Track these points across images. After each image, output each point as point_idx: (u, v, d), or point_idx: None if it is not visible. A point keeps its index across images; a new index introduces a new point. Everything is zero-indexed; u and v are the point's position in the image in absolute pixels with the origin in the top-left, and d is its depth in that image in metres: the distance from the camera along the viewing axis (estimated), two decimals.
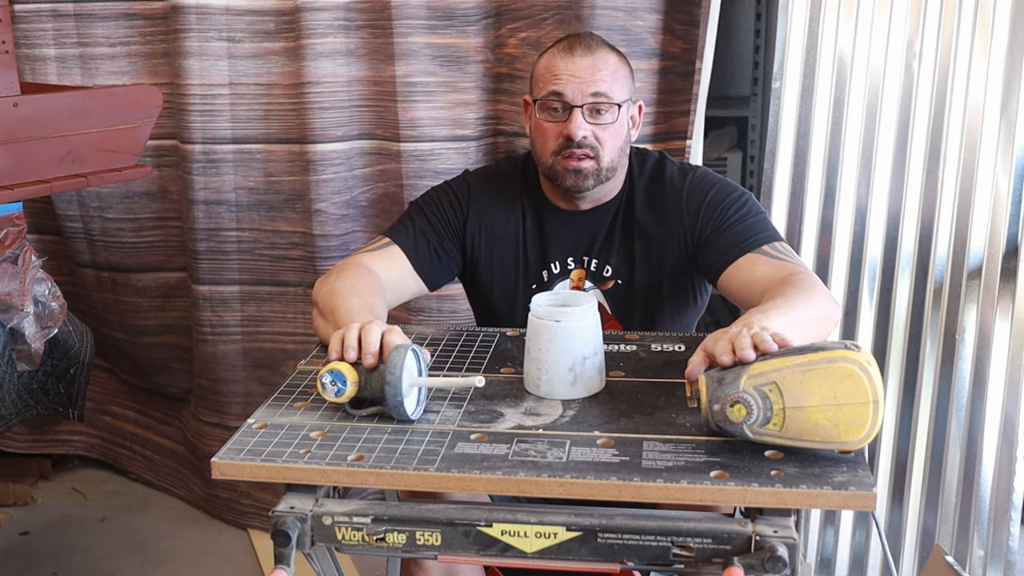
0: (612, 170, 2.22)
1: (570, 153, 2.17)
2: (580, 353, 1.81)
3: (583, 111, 2.16)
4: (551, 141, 2.19)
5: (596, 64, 2.17)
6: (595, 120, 2.17)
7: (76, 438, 3.75)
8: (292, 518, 1.58)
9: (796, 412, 1.54)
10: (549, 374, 1.82)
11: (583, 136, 2.16)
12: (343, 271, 2.15)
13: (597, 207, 2.29)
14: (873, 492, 1.48)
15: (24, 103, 2.41)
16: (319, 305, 2.08)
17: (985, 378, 2.78)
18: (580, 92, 2.15)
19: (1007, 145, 2.67)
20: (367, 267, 2.18)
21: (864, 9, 2.69)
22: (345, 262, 2.22)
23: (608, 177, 2.22)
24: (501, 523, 1.55)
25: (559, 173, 2.20)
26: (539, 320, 1.82)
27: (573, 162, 2.17)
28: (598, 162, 2.18)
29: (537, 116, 2.22)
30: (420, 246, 2.28)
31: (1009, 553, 2.84)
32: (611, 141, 2.19)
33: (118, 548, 3.28)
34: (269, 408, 1.81)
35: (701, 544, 1.50)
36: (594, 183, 2.20)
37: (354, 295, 2.05)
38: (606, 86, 2.16)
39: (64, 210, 3.34)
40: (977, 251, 2.74)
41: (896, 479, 2.91)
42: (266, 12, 2.96)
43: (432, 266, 2.29)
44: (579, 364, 1.81)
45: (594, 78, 2.16)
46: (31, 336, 2.52)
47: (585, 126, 2.16)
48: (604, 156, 2.18)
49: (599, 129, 2.17)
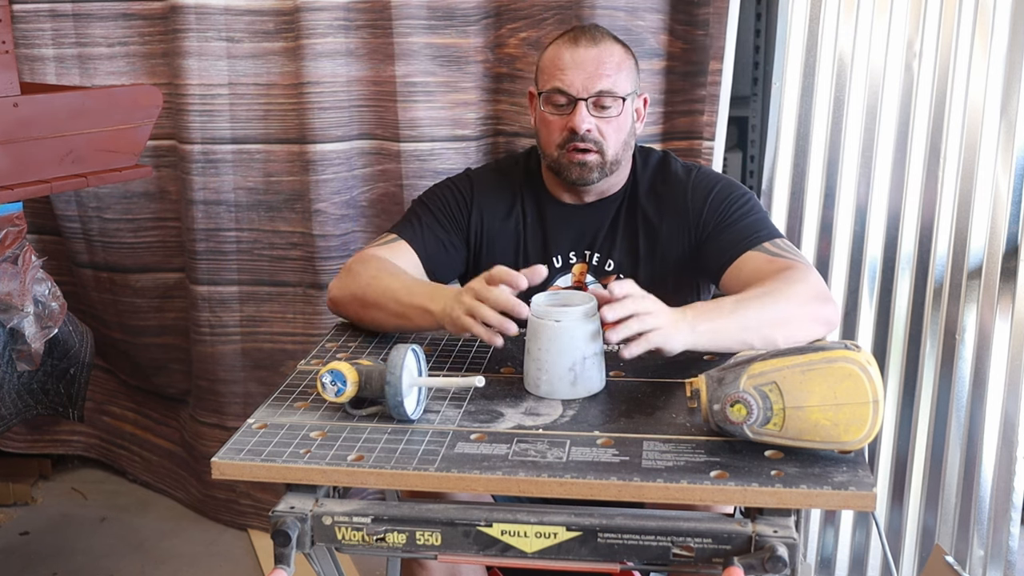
0: (616, 163, 2.22)
1: (574, 146, 2.17)
2: (580, 353, 1.81)
3: (587, 104, 2.16)
4: (556, 134, 2.20)
5: (601, 56, 2.17)
6: (599, 114, 2.17)
7: (76, 438, 3.75)
8: (292, 518, 1.58)
9: (796, 412, 1.55)
10: (549, 374, 1.82)
11: (587, 130, 2.16)
12: (366, 263, 2.16)
13: (601, 200, 2.30)
14: (873, 492, 1.49)
15: (24, 103, 2.41)
16: (364, 298, 2.09)
17: (985, 378, 2.78)
18: (585, 86, 2.15)
19: (1007, 145, 2.68)
20: (383, 257, 2.18)
21: (864, 9, 2.70)
22: (359, 256, 2.21)
23: (613, 170, 2.22)
24: (501, 523, 1.55)
25: (564, 166, 2.20)
26: (539, 320, 1.82)
27: (578, 155, 2.17)
28: (602, 155, 2.18)
29: (542, 109, 2.22)
30: (428, 241, 2.27)
31: (1009, 553, 2.85)
32: (615, 135, 2.19)
33: (118, 548, 3.28)
34: (269, 408, 1.81)
35: (701, 544, 1.50)
36: (599, 176, 2.21)
37: (400, 273, 2.10)
38: (610, 80, 2.16)
39: (63, 210, 3.34)
40: (977, 251, 2.74)
41: (896, 479, 2.91)
42: (265, 12, 2.96)
43: (440, 261, 2.29)
44: (579, 364, 1.81)
45: (599, 72, 2.16)
46: (31, 336, 2.52)
47: (589, 119, 2.16)
48: (608, 150, 2.19)
49: (603, 123, 2.17)
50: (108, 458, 3.75)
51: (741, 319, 1.89)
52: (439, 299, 1.96)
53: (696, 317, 1.87)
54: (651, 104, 2.75)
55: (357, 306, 2.12)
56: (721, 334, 1.86)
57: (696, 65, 2.76)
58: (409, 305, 1.99)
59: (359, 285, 2.10)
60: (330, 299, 2.20)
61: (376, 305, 2.07)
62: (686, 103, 2.79)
